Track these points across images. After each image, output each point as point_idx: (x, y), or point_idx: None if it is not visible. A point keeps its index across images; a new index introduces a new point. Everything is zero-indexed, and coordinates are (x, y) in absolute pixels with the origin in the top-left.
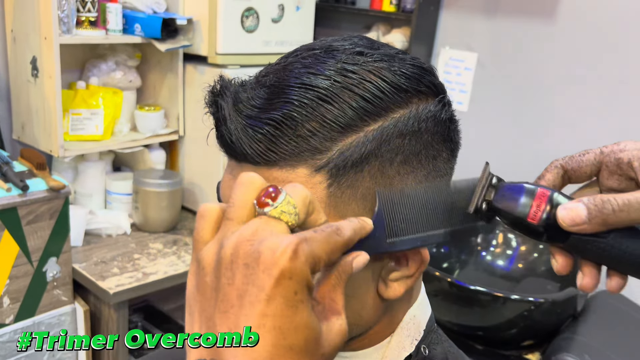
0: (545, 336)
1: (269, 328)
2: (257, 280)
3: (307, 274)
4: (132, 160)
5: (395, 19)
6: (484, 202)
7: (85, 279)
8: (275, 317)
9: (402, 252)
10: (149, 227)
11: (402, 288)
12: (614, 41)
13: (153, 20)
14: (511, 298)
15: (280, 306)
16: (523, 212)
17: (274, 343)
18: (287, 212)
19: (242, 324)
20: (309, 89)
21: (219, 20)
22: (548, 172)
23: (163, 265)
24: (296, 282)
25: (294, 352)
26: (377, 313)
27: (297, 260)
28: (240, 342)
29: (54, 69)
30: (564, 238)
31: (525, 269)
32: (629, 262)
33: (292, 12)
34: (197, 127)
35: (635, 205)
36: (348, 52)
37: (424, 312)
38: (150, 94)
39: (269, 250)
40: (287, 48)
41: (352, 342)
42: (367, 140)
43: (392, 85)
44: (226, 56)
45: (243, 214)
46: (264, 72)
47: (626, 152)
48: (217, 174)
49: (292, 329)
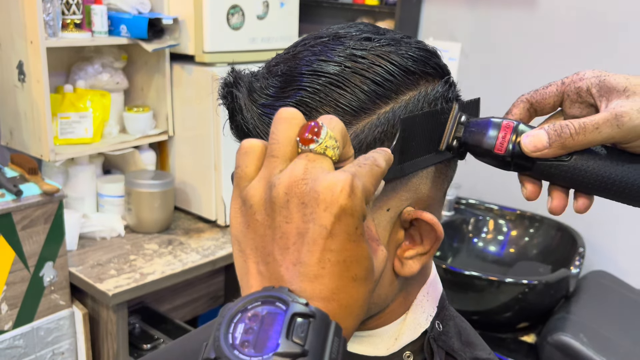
0: (540, 317)
1: (334, 262)
2: (319, 218)
3: (364, 208)
4: (123, 162)
5: (379, 11)
6: (455, 139)
7: (83, 282)
8: (339, 252)
9: (416, 230)
10: (142, 228)
11: (418, 265)
12: (596, 29)
13: (139, 20)
14: (505, 281)
15: (343, 241)
16: (490, 143)
17: (339, 275)
18: (330, 147)
19: (305, 259)
20: (320, 76)
21: (205, 18)
22: (514, 107)
23: (160, 265)
24: (357, 218)
25: (356, 282)
26: (394, 291)
27: (355, 196)
28: (306, 274)
29: (42, 73)
30: (530, 165)
31: (517, 253)
32: (591, 182)
33: (277, 9)
34: (186, 127)
35: (590, 128)
36: (356, 39)
37: (436, 289)
38: (138, 95)
39: (326, 190)
40: (273, 44)
41: (369, 321)
42: (379, 122)
43: (401, 68)
44: (213, 54)
45: (287, 151)
46: (274, 61)
47: (585, 81)
48: (208, 172)
49: (355, 261)
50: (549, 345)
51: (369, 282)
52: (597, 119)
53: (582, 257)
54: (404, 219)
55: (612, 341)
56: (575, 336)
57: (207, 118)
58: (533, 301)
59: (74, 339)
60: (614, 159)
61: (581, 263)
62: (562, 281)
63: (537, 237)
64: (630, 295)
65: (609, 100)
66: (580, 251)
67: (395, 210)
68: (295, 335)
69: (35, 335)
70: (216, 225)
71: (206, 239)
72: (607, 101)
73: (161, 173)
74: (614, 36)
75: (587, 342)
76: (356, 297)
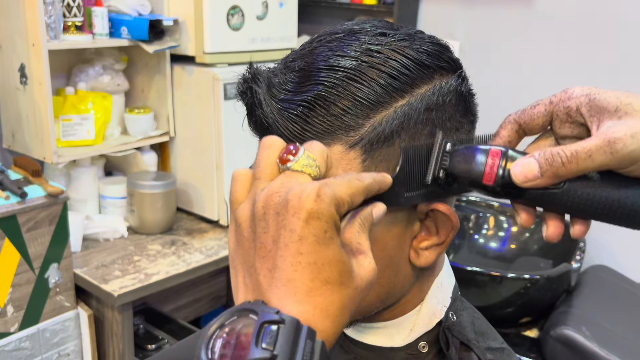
0: (542, 312)
1: (304, 264)
2: (288, 224)
3: (333, 213)
4: (124, 164)
5: (377, 11)
6: (441, 170)
7: (88, 284)
8: (309, 254)
9: (431, 221)
10: (145, 229)
11: (434, 256)
12: (593, 26)
13: (139, 22)
14: (508, 276)
15: (312, 244)
16: (478, 173)
17: (311, 277)
18: (308, 165)
19: (279, 263)
20: (337, 70)
21: (205, 19)
22: (502, 128)
23: (164, 266)
24: (324, 222)
25: (330, 284)
26: (410, 281)
27: (322, 201)
28: (281, 278)
29: (44, 76)
30: (521, 193)
31: (518, 249)
32: (585, 208)
33: (276, 9)
34: (187, 128)
35: (583, 156)
36: (371, 34)
37: (449, 279)
38: (139, 97)
39: (294, 197)
40: (273, 44)
41: (384, 312)
42: (396, 115)
43: (416, 62)
44: (214, 55)
45: (268, 172)
46: (291, 57)
47: (574, 100)
48: (210, 173)
49: (326, 263)
50: (552, 339)
51: (345, 287)
52: (589, 146)
53: (582, 252)
54: (419, 211)
55: (615, 334)
56: (578, 330)
57: (208, 118)
58: (535, 296)
59: (79, 340)
60: (608, 183)
61: (582, 258)
62: (564, 276)
63: (537, 233)
64: (631, 288)
65: (600, 121)
66: (580, 246)
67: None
68: (264, 342)
69: (41, 337)
70: (219, 225)
71: (209, 239)
72: (598, 122)
73: (163, 174)
74: (611, 34)
75: (590, 336)
76: (332, 300)
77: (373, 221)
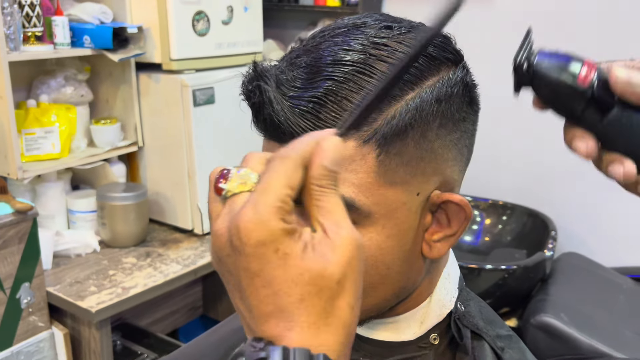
0: (520, 302)
1: (271, 295)
2: (240, 263)
3: (273, 228)
4: (92, 177)
5: (341, 12)
6: (526, 61)
7: (63, 301)
8: (272, 284)
9: (442, 213)
10: (118, 242)
11: (446, 247)
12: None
13: (103, 30)
14: (485, 268)
15: (270, 272)
16: (573, 73)
17: (284, 303)
18: (242, 182)
19: (251, 302)
20: (346, 65)
21: (171, 25)
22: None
23: (141, 278)
24: (270, 243)
25: (306, 300)
26: (422, 274)
27: (262, 223)
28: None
29: (5, 89)
30: (605, 111)
31: (492, 241)
32: None
33: (241, 13)
34: (156, 137)
35: None
36: (375, 27)
37: (455, 270)
38: (104, 107)
39: (235, 235)
40: (239, 49)
41: (397, 307)
42: (408, 108)
43: (426, 55)
44: (181, 61)
45: (213, 208)
46: (295, 54)
47: None
48: (182, 181)
49: (291, 284)
50: (532, 327)
51: (326, 289)
52: None
53: (554, 240)
54: (432, 202)
55: (591, 317)
56: (556, 316)
57: (177, 126)
58: (513, 286)
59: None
60: None
61: (554, 246)
62: (539, 264)
63: (510, 224)
64: (602, 273)
65: None
66: (552, 234)
67: (425, 194)
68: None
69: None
70: (193, 234)
71: (185, 248)
72: None
73: (133, 185)
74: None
75: (568, 321)
76: (316, 311)
77: (330, 166)
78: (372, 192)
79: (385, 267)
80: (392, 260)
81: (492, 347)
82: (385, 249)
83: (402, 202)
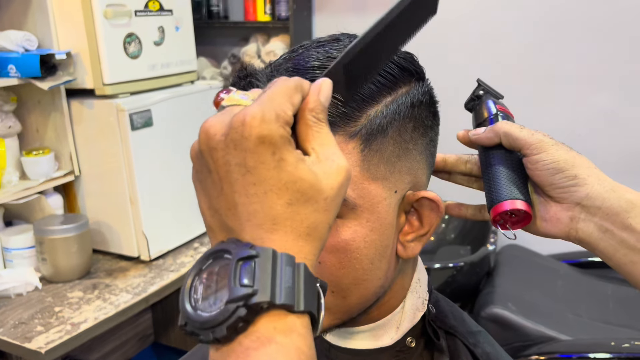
0: (469, 296)
1: (261, 195)
2: (233, 158)
3: (274, 130)
4: (27, 211)
5: (272, 27)
6: (472, 101)
7: (8, 345)
8: (263, 183)
9: (414, 213)
10: (61, 276)
11: (419, 247)
12: (494, 28)
13: (29, 58)
14: (434, 267)
15: (264, 172)
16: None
17: (271, 205)
18: (243, 99)
19: (236, 199)
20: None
21: (101, 49)
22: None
23: (91, 312)
24: (269, 144)
25: (293, 205)
26: (394, 274)
27: (267, 122)
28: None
29: None
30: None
31: (437, 240)
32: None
33: (173, 33)
34: (93, 164)
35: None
36: None
37: (424, 275)
38: (34, 138)
39: (237, 125)
40: (173, 69)
41: (371, 310)
42: (387, 109)
43: (398, 65)
44: (115, 85)
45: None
46: (277, 63)
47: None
48: (124, 208)
49: (282, 187)
50: (484, 319)
51: (313, 202)
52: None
53: (495, 234)
54: (407, 202)
55: (536, 304)
56: (504, 306)
57: (115, 152)
58: (462, 282)
59: None
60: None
61: (495, 240)
62: (484, 259)
63: (452, 222)
64: (540, 261)
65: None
66: (493, 229)
67: (401, 192)
68: (244, 279)
69: None
70: (140, 261)
71: (133, 277)
72: None
73: (73, 216)
74: (511, 35)
75: (516, 310)
76: (300, 219)
77: (324, 102)
78: (357, 185)
79: (369, 261)
80: (374, 255)
81: (464, 344)
82: (369, 242)
83: (383, 197)
